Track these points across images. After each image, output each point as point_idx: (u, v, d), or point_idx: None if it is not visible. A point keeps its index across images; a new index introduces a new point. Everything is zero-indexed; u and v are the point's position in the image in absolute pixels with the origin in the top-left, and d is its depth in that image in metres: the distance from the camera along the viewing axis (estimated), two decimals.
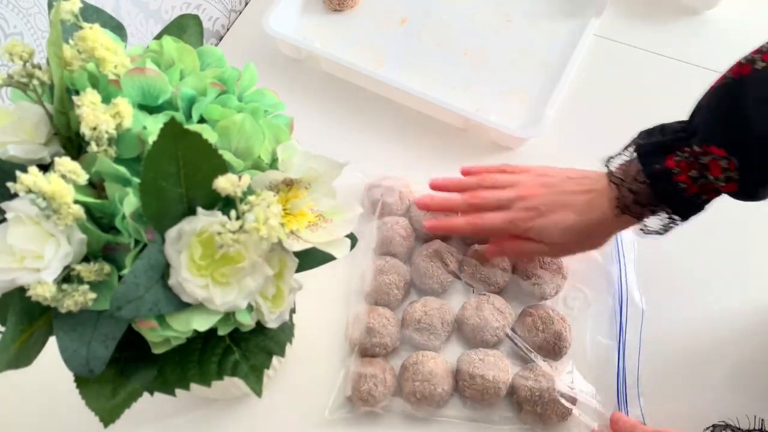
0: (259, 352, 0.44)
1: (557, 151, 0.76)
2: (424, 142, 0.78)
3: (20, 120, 0.40)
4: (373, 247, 0.67)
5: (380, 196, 0.69)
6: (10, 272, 0.36)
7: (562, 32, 0.86)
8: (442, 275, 0.65)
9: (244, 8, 0.93)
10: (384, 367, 0.60)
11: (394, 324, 0.62)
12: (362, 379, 0.59)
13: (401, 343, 0.63)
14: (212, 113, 0.42)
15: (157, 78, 0.41)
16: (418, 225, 0.68)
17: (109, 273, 0.38)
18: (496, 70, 0.83)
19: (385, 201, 0.68)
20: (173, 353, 0.41)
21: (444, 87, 0.81)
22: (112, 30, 0.45)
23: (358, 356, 0.61)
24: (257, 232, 0.36)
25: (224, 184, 0.35)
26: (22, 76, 0.39)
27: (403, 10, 0.88)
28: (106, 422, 0.40)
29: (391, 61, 0.83)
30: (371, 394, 0.58)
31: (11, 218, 0.36)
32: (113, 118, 0.37)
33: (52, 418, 0.60)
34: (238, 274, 0.38)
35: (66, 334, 0.38)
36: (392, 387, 0.60)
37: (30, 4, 0.61)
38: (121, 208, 0.37)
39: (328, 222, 0.42)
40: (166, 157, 0.36)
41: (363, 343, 0.61)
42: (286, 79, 0.82)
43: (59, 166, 0.34)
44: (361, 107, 0.81)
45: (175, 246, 0.37)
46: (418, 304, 0.63)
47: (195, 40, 0.49)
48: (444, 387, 0.59)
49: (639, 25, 0.87)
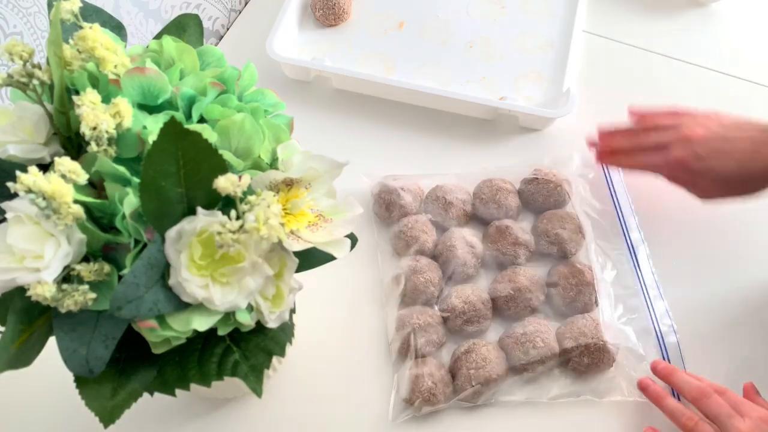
0: (259, 352, 0.44)
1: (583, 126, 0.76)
2: (449, 139, 0.78)
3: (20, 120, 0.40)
4: (395, 250, 0.68)
5: (395, 198, 0.69)
6: (10, 272, 0.35)
7: (556, 8, 0.88)
8: (473, 259, 0.66)
9: (244, 8, 0.93)
10: (437, 364, 0.61)
11: (438, 320, 0.63)
12: (420, 379, 0.59)
13: (447, 339, 0.64)
14: (212, 113, 0.42)
15: (157, 78, 0.41)
16: (436, 219, 0.69)
17: (109, 273, 0.38)
18: (505, 57, 0.84)
19: (402, 202, 0.69)
20: (173, 353, 0.41)
21: (459, 82, 0.82)
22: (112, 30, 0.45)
23: (411, 358, 0.61)
24: (257, 232, 0.36)
25: (224, 184, 0.35)
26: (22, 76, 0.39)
27: (397, 15, 0.88)
28: (105, 422, 0.39)
29: (401, 66, 0.83)
30: (432, 392, 0.59)
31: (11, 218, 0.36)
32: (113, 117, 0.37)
33: (52, 419, 0.60)
34: (238, 274, 0.38)
35: (66, 334, 0.38)
36: (449, 382, 0.60)
37: (30, 4, 0.61)
38: (121, 207, 0.37)
39: (328, 222, 0.42)
40: (166, 157, 0.36)
41: (413, 344, 0.61)
42: (296, 102, 0.81)
43: (59, 165, 0.34)
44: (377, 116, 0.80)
45: (175, 246, 0.37)
46: (452, 298, 0.64)
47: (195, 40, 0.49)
48: (499, 371, 0.60)
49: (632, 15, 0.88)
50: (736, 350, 0.64)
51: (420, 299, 0.64)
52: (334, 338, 0.64)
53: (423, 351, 0.61)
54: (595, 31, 0.87)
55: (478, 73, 0.82)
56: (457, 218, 0.69)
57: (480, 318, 0.63)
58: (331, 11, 0.85)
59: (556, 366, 0.62)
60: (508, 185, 0.70)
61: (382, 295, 0.67)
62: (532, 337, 0.61)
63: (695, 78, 0.83)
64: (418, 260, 0.66)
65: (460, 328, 0.63)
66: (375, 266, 0.69)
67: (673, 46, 0.85)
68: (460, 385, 0.60)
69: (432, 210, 0.69)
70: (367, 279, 0.68)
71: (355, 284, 0.67)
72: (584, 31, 0.86)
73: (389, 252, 0.69)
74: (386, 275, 0.67)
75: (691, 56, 0.85)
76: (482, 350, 0.60)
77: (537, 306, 0.64)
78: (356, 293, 0.67)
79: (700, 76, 0.83)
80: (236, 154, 0.42)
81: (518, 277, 0.64)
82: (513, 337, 0.62)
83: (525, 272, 0.65)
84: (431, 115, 0.80)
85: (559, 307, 0.65)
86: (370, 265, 0.69)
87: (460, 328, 0.63)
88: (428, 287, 0.64)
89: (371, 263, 0.69)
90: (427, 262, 0.66)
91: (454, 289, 0.65)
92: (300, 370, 0.63)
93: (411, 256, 0.66)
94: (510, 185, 0.71)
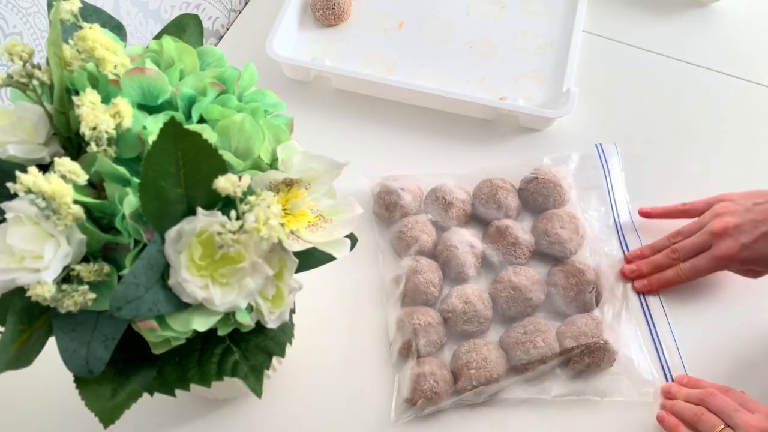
0: (259, 352, 0.44)
1: (583, 126, 0.77)
2: (449, 139, 0.78)
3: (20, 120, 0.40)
4: (396, 250, 0.68)
5: (396, 198, 0.69)
6: (10, 272, 0.35)
7: (556, 8, 0.88)
8: (473, 259, 0.66)
9: (244, 8, 0.93)
10: (439, 363, 0.61)
11: (439, 321, 0.63)
12: (422, 379, 0.59)
13: (448, 339, 0.64)
14: (212, 113, 0.42)
15: (156, 78, 0.41)
16: (436, 219, 0.69)
17: (108, 273, 0.38)
18: (505, 57, 0.84)
19: (402, 203, 0.69)
20: (173, 353, 0.41)
21: (460, 82, 0.82)
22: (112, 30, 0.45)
23: (412, 358, 0.61)
24: (257, 233, 0.36)
25: (224, 184, 0.35)
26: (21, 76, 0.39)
27: (397, 15, 0.88)
28: (105, 423, 0.39)
29: (400, 66, 0.83)
30: (434, 392, 0.59)
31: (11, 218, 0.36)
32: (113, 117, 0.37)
33: (52, 419, 0.60)
34: (238, 274, 0.38)
35: (66, 334, 0.38)
36: (450, 381, 0.60)
37: (29, 4, 0.61)
38: (121, 208, 0.37)
39: (328, 222, 0.42)
40: (166, 157, 0.36)
41: (414, 345, 0.61)
42: (296, 102, 0.80)
43: (59, 166, 0.34)
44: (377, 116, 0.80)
45: (174, 246, 0.37)
46: (452, 298, 0.64)
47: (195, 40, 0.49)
48: (500, 371, 0.60)
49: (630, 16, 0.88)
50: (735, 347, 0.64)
51: (420, 299, 0.64)
52: (334, 339, 0.64)
53: (424, 351, 0.61)
54: (595, 31, 0.87)
55: (478, 73, 0.82)
56: (457, 218, 0.69)
57: (480, 318, 0.63)
58: (331, 11, 0.85)
59: (557, 365, 0.62)
60: (507, 185, 0.70)
61: (383, 295, 0.67)
62: (532, 336, 0.61)
63: (695, 78, 0.83)
64: (419, 260, 0.66)
65: (461, 328, 0.63)
66: (375, 266, 0.68)
67: (673, 46, 0.85)
68: (462, 386, 0.60)
69: (432, 210, 0.69)
70: (368, 279, 0.68)
71: (355, 285, 0.67)
72: (584, 31, 0.86)
73: (389, 252, 0.69)
74: (386, 276, 0.67)
75: (691, 56, 0.85)
76: (483, 350, 0.60)
77: (537, 305, 0.64)
78: (356, 294, 0.67)
79: (700, 76, 0.83)
80: (236, 155, 0.41)
81: (518, 277, 0.64)
82: (514, 336, 0.62)
83: (525, 272, 0.65)
84: (431, 115, 0.80)
85: (559, 307, 0.65)
86: (371, 265, 0.68)
87: (460, 328, 0.63)
88: (429, 287, 0.64)
89: (371, 264, 0.69)
90: (427, 262, 0.66)
91: (454, 290, 0.65)
92: (300, 371, 0.63)
93: (411, 257, 0.66)
94: (510, 185, 0.71)
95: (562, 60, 0.82)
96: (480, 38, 0.86)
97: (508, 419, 0.60)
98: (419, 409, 0.59)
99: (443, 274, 0.66)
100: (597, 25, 0.87)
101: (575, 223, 0.68)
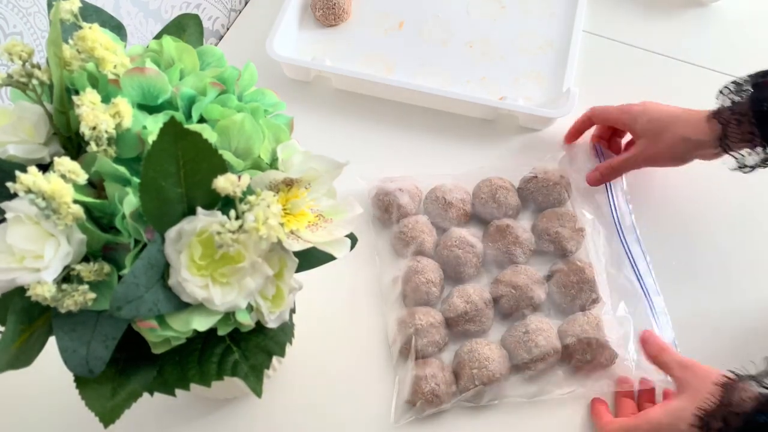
0: (259, 352, 0.44)
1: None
2: (449, 139, 0.78)
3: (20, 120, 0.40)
4: (396, 250, 0.68)
5: (393, 199, 0.69)
6: (10, 272, 0.35)
7: (556, 8, 0.88)
8: (474, 259, 0.66)
9: (244, 8, 0.93)
10: (440, 365, 0.61)
11: (440, 321, 0.63)
12: (423, 381, 0.59)
13: (449, 339, 0.64)
14: (212, 113, 0.42)
15: (156, 78, 0.41)
16: (436, 219, 0.69)
17: (109, 273, 0.38)
18: (505, 57, 0.84)
19: (400, 203, 0.69)
20: (173, 353, 0.41)
21: (460, 82, 0.82)
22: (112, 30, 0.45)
23: (412, 359, 0.61)
24: (257, 232, 0.36)
25: (224, 184, 0.35)
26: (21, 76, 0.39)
27: (397, 15, 0.88)
28: (105, 423, 0.39)
29: (401, 66, 0.83)
30: (435, 394, 0.59)
31: (11, 218, 0.36)
32: (113, 117, 0.37)
33: (52, 419, 0.60)
34: (238, 274, 0.38)
35: (66, 334, 0.38)
36: (451, 383, 0.60)
37: (30, 4, 0.61)
38: (121, 207, 0.37)
39: (328, 222, 0.41)
40: (166, 157, 0.36)
41: (415, 346, 0.61)
42: (296, 102, 0.80)
43: (59, 165, 0.34)
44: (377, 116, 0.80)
45: (175, 246, 0.37)
46: (454, 297, 0.64)
47: (195, 40, 0.49)
48: (501, 370, 0.60)
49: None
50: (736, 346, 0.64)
51: (421, 300, 0.64)
52: (334, 339, 0.64)
53: (425, 352, 0.61)
54: (595, 31, 0.87)
55: (478, 73, 0.82)
56: (456, 218, 0.69)
57: (482, 317, 0.63)
58: (331, 11, 0.85)
59: (558, 364, 0.62)
60: (507, 184, 0.70)
61: (383, 296, 0.67)
62: (534, 335, 0.61)
63: (695, 78, 0.83)
64: (419, 261, 0.66)
65: (463, 328, 0.63)
66: (375, 267, 0.69)
67: (673, 46, 0.85)
68: (463, 385, 0.60)
69: (432, 210, 0.69)
70: (367, 280, 0.68)
71: (355, 285, 0.67)
72: (584, 31, 0.86)
73: (388, 253, 0.69)
74: (386, 276, 0.67)
75: (691, 56, 0.85)
76: (484, 350, 0.60)
77: (538, 304, 0.64)
78: (356, 294, 0.67)
79: (700, 76, 0.83)
80: (236, 154, 0.41)
81: (519, 276, 0.65)
82: (515, 335, 0.62)
83: (525, 271, 0.65)
84: (431, 115, 0.80)
85: (560, 305, 0.65)
86: (370, 265, 0.69)
87: (462, 328, 0.63)
88: (429, 287, 0.64)
89: (371, 264, 0.69)
90: (427, 262, 0.66)
91: (455, 289, 0.65)
92: (300, 371, 0.63)
93: (411, 257, 0.66)
94: (509, 184, 0.71)
95: (562, 60, 0.82)
96: (480, 38, 0.86)
97: (510, 418, 0.60)
98: (419, 411, 0.59)
99: (444, 274, 0.66)
100: (597, 24, 0.87)
101: (575, 222, 0.68)
